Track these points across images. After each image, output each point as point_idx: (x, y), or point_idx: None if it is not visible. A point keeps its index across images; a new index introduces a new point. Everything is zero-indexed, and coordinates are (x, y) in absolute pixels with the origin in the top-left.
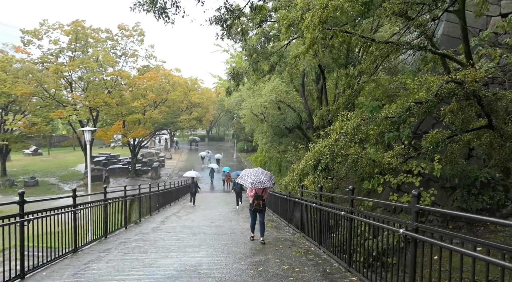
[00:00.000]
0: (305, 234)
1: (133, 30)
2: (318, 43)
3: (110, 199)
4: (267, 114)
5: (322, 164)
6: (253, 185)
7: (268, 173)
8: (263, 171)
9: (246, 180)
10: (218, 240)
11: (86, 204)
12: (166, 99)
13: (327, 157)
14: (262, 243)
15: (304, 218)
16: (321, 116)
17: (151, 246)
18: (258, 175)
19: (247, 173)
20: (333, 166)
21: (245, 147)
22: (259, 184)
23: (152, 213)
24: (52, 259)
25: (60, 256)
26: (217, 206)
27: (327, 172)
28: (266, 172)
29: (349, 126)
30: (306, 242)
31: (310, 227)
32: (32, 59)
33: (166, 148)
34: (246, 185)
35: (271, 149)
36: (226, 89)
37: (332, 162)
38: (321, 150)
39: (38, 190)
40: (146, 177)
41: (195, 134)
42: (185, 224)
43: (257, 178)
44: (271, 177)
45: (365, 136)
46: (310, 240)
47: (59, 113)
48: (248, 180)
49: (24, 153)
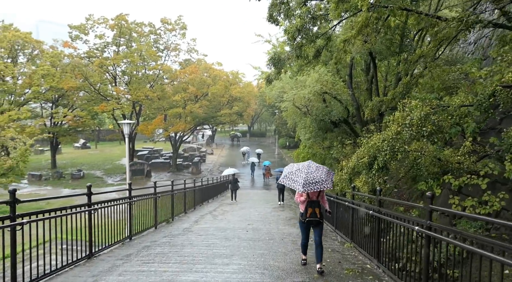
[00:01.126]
0: (357, 245)
1: (175, 24)
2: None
3: (135, 196)
4: (311, 107)
5: (379, 161)
6: (307, 187)
7: (325, 168)
8: (318, 165)
9: (295, 180)
10: (253, 249)
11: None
12: (206, 93)
13: (386, 153)
14: (320, 272)
15: (356, 225)
16: (373, 108)
17: (176, 253)
18: (311, 171)
19: (295, 169)
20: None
21: (286, 143)
22: (314, 186)
23: (187, 211)
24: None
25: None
26: (255, 205)
27: (385, 171)
28: (322, 167)
29: (415, 116)
30: (360, 256)
31: (365, 238)
32: (78, 54)
33: (208, 143)
34: (296, 188)
35: (315, 145)
36: (267, 77)
37: (391, 160)
38: (377, 145)
39: (83, 182)
40: (187, 172)
41: (236, 130)
42: (219, 226)
43: (311, 177)
44: (330, 173)
45: (436, 129)
46: (365, 253)
47: (103, 107)
48: (298, 180)
49: (74, 146)
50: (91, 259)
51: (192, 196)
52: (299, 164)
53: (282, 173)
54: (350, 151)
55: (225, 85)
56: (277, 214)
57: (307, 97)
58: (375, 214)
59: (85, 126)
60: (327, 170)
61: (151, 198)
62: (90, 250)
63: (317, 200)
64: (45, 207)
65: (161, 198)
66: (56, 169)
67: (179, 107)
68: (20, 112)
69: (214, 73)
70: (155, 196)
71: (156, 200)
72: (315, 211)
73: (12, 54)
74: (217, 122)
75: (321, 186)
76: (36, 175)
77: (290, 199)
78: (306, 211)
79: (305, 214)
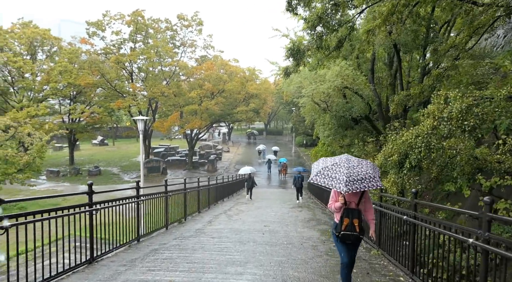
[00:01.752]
0: (386, 252)
1: (192, 20)
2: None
3: (143, 195)
4: (330, 103)
5: (411, 159)
6: (351, 185)
7: (368, 162)
8: (358, 159)
9: (333, 177)
10: (270, 255)
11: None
12: (223, 89)
13: (420, 150)
14: None
15: (384, 231)
16: (399, 103)
17: (186, 258)
18: (353, 165)
19: (330, 163)
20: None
21: (304, 141)
22: (361, 184)
23: (201, 210)
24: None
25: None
26: (272, 204)
27: (418, 170)
28: (364, 161)
29: (455, 108)
30: (389, 266)
31: (396, 246)
32: (95, 50)
33: (224, 141)
34: (337, 187)
35: (334, 143)
36: (285, 69)
37: (426, 158)
38: (410, 142)
39: (100, 179)
40: (203, 170)
41: (252, 127)
42: (234, 227)
43: (355, 172)
44: (376, 168)
45: (480, 122)
46: (396, 263)
47: (119, 104)
48: (338, 176)
49: (92, 143)
50: (92, 264)
51: (206, 195)
52: (334, 157)
53: (313, 169)
54: (372, 149)
55: (242, 81)
56: (295, 215)
57: (327, 92)
58: (410, 219)
59: (102, 123)
60: (372, 165)
61: (162, 197)
62: (92, 254)
63: (356, 208)
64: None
65: (172, 197)
66: (74, 165)
67: (195, 104)
68: (38, 108)
69: (231, 69)
70: (166, 195)
71: (167, 199)
72: (352, 223)
73: (31, 51)
74: (233, 120)
75: (369, 184)
76: (54, 171)
77: (308, 198)
78: (342, 222)
79: (341, 226)
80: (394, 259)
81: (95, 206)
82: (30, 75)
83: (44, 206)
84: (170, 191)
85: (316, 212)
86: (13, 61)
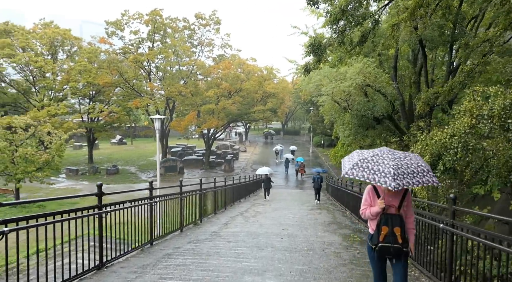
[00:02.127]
0: (417, 262)
1: (209, 19)
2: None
3: (157, 196)
4: (351, 102)
5: (445, 161)
6: (401, 180)
7: (417, 155)
8: (403, 152)
9: (376, 170)
10: (290, 263)
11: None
12: (240, 89)
13: (456, 151)
14: None
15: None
16: (427, 101)
17: (200, 265)
18: (399, 157)
19: (368, 156)
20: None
21: (321, 141)
22: (413, 179)
23: (217, 212)
24: None
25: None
26: (290, 206)
27: (453, 173)
28: (412, 153)
29: (497, 105)
30: (422, 277)
31: (430, 256)
32: (114, 50)
33: (241, 141)
34: (383, 183)
35: (354, 143)
36: (305, 66)
37: (462, 159)
38: (443, 141)
39: (117, 178)
40: (220, 169)
41: (270, 127)
42: (251, 230)
43: (404, 165)
44: (424, 162)
45: None
46: (429, 275)
47: (136, 103)
48: (383, 169)
49: (110, 142)
50: (101, 270)
51: (222, 195)
52: (371, 150)
53: (345, 163)
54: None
55: (259, 80)
56: (314, 217)
57: (348, 90)
58: (447, 228)
59: (120, 122)
60: (420, 158)
61: (177, 198)
62: (101, 260)
63: (398, 213)
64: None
65: (188, 198)
66: (93, 164)
67: (212, 103)
68: (58, 107)
69: (248, 68)
70: (181, 196)
71: (182, 200)
72: (393, 232)
73: (52, 50)
74: (250, 119)
75: (423, 179)
76: (73, 170)
77: (327, 200)
78: (379, 231)
79: (377, 236)
80: (427, 271)
81: (105, 208)
82: (50, 74)
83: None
84: (185, 191)
85: (336, 215)
86: (34, 61)
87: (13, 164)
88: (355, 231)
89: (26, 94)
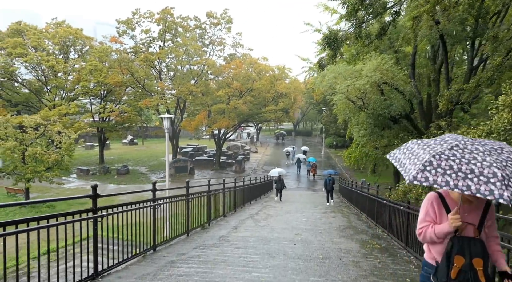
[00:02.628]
0: None
1: (221, 18)
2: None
3: (161, 198)
4: (367, 100)
5: None
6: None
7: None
8: (496, 142)
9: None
10: (305, 273)
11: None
12: (251, 88)
13: None
14: None
15: None
16: (450, 98)
17: (205, 275)
18: (493, 149)
19: (445, 148)
20: None
21: (334, 142)
22: None
23: (226, 214)
24: None
25: None
26: (302, 208)
27: None
28: (496, 142)
29: None
30: None
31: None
32: (125, 49)
33: (252, 141)
34: (488, 194)
35: (369, 143)
36: (319, 61)
37: None
38: None
39: (128, 178)
40: (230, 170)
41: (281, 128)
42: (261, 234)
43: (503, 161)
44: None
45: None
46: None
47: (146, 102)
48: (484, 170)
49: (122, 142)
50: (95, 280)
51: (232, 197)
52: (437, 138)
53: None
54: None
55: (271, 80)
56: (328, 221)
57: (363, 89)
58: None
59: (131, 122)
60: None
61: (183, 200)
62: (95, 268)
63: (477, 237)
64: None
65: (195, 200)
66: (104, 164)
67: (223, 103)
68: (69, 107)
69: (260, 68)
70: (188, 198)
71: (188, 202)
72: (471, 265)
73: (64, 50)
74: (262, 120)
75: None
76: (84, 170)
77: (340, 203)
78: (449, 263)
79: (446, 270)
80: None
81: (101, 212)
82: (62, 74)
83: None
84: (192, 193)
85: (351, 219)
86: (46, 60)
87: (23, 163)
88: (373, 236)
89: (38, 93)
